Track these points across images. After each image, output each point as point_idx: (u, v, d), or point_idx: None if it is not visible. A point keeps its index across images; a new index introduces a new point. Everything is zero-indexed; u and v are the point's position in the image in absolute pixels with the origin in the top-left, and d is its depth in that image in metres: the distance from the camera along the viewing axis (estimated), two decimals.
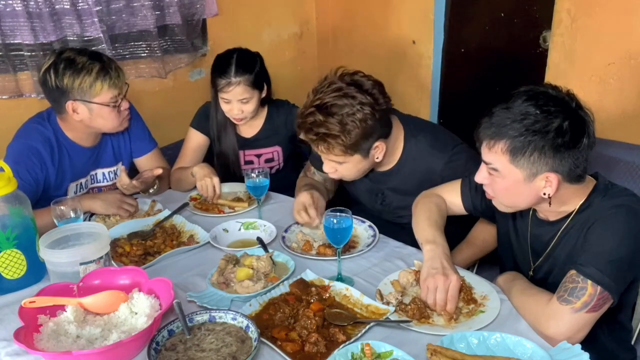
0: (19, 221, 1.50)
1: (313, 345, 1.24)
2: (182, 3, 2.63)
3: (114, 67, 1.89)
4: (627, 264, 1.28)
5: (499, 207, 1.45)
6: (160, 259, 1.66)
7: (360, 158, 1.71)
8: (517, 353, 1.21)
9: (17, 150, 1.88)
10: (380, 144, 1.71)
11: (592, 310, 1.25)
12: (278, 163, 2.36)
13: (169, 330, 1.29)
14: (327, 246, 1.69)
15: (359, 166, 1.75)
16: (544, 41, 2.39)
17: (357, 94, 1.62)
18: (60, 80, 1.82)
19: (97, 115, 1.89)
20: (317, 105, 1.63)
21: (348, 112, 1.60)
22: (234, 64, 2.08)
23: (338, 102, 1.61)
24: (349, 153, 1.67)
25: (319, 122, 1.62)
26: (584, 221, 1.34)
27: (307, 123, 1.64)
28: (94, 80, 1.83)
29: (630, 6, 2.04)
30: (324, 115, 1.61)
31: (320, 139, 1.64)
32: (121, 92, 1.91)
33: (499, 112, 1.31)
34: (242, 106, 2.13)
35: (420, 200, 1.71)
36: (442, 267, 1.42)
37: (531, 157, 1.27)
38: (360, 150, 1.68)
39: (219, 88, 2.10)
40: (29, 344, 1.21)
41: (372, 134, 1.66)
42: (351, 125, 1.60)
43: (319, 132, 1.63)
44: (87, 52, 1.89)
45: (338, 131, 1.60)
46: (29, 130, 1.93)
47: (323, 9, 3.31)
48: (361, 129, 1.61)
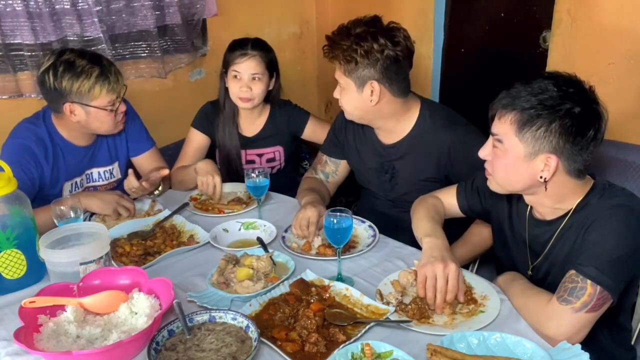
0: (19, 221, 1.50)
1: (313, 345, 1.24)
2: (182, 3, 2.63)
3: (114, 71, 1.89)
4: (626, 264, 1.28)
5: (492, 187, 1.45)
6: (160, 259, 1.66)
7: (354, 87, 1.76)
8: (517, 353, 1.21)
9: (11, 150, 1.88)
10: (377, 85, 1.75)
11: (592, 310, 1.25)
12: (279, 163, 2.36)
13: (169, 330, 1.29)
14: (327, 246, 1.69)
15: (354, 98, 1.79)
16: (544, 41, 2.39)
17: (382, 38, 1.72)
18: (59, 83, 1.82)
19: (94, 118, 1.89)
20: (347, 27, 1.78)
21: (363, 39, 1.72)
22: (252, 41, 2.17)
23: (362, 33, 1.74)
24: (346, 75, 1.76)
25: (343, 34, 1.76)
26: (582, 221, 1.34)
27: (334, 32, 1.79)
28: (93, 85, 1.83)
29: (630, 6, 2.04)
30: (346, 36, 1.75)
31: (330, 46, 1.77)
32: (119, 96, 1.91)
33: (518, 85, 1.33)
34: (252, 84, 2.14)
35: (417, 203, 1.72)
36: (441, 255, 1.42)
37: (537, 132, 1.27)
38: (354, 77, 1.75)
39: (233, 60, 2.14)
40: (29, 344, 1.21)
41: (370, 67, 1.72)
42: (357, 50, 1.71)
43: (334, 40, 1.77)
44: (87, 55, 1.88)
45: (346, 47, 1.72)
46: (21, 130, 1.93)
47: (323, 9, 3.30)
48: (361, 56, 1.70)
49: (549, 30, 2.33)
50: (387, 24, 1.79)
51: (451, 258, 1.42)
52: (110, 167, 2.12)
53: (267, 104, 2.31)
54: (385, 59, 1.72)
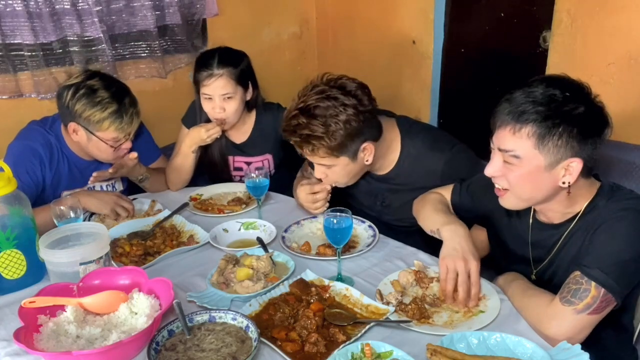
0: (18, 221, 1.50)
1: (313, 345, 1.24)
2: (182, 3, 2.63)
3: (131, 112, 1.87)
4: (632, 268, 1.27)
5: (509, 204, 1.39)
6: (160, 259, 1.66)
7: (347, 160, 1.70)
8: (517, 353, 1.21)
9: (17, 151, 1.89)
10: (369, 145, 1.70)
11: (595, 312, 1.24)
12: (269, 170, 2.30)
13: (169, 330, 1.29)
14: (327, 246, 1.69)
15: (348, 169, 1.73)
16: (544, 41, 2.39)
17: (340, 96, 1.62)
18: (74, 104, 1.82)
19: (94, 145, 1.90)
20: (300, 108, 1.64)
21: (331, 114, 1.61)
22: (217, 56, 2.05)
23: (321, 104, 1.62)
24: (335, 155, 1.67)
25: (302, 124, 1.62)
26: (590, 224, 1.33)
27: (291, 126, 1.65)
28: (104, 119, 1.83)
29: (630, 6, 2.04)
30: (307, 118, 1.62)
31: (304, 141, 1.64)
32: (127, 136, 1.91)
33: (519, 97, 1.28)
34: (224, 104, 2.06)
35: (420, 201, 1.71)
36: (462, 249, 1.42)
37: (559, 141, 1.24)
38: (346, 152, 1.67)
39: (201, 82, 2.04)
40: (29, 344, 1.21)
41: (357, 135, 1.65)
42: (334, 127, 1.61)
43: (302, 134, 1.63)
44: (114, 88, 1.87)
45: (322, 132, 1.61)
46: (31, 131, 1.93)
47: (323, 9, 3.31)
48: (345, 130, 1.61)
49: (549, 30, 2.33)
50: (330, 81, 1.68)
51: (472, 252, 1.42)
52: (112, 181, 2.13)
53: (251, 112, 2.24)
54: (364, 118, 1.64)
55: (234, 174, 2.29)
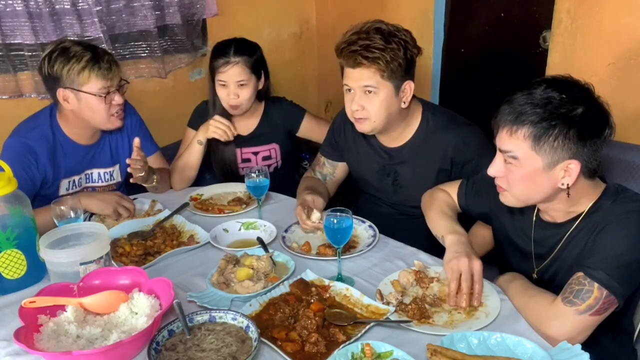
0: (19, 221, 1.50)
1: (313, 345, 1.24)
2: (182, 3, 2.63)
3: (107, 59, 1.88)
4: (635, 270, 1.27)
5: (508, 202, 1.40)
6: (160, 259, 1.66)
7: (392, 90, 1.70)
8: (517, 353, 1.21)
9: (13, 148, 1.88)
10: (410, 84, 1.73)
11: (596, 313, 1.24)
12: (276, 161, 2.35)
13: (169, 330, 1.29)
14: (327, 246, 1.69)
15: (387, 103, 1.71)
16: (544, 41, 2.39)
17: (399, 34, 1.68)
18: (52, 67, 1.84)
19: (85, 105, 1.88)
20: (360, 28, 1.67)
21: (392, 33, 1.66)
22: (234, 45, 2.13)
23: (382, 26, 1.67)
24: (385, 76, 1.67)
25: (363, 37, 1.64)
26: (594, 224, 1.33)
27: (351, 39, 1.67)
28: (82, 68, 1.84)
29: (630, 6, 2.04)
30: (367, 33, 1.65)
31: (362, 51, 1.64)
32: (112, 85, 1.90)
33: (519, 98, 1.29)
34: (239, 90, 2.13)
35: (428, 198, 1.72)
36: (465, 251, 1.43)
37: (555, 143, 1.25)
38: (394, 79, 1.68)
39: (217, 69, 2.11)
40: (29, 344, 1.21)
41: (408, 67, 1.69)
42: (395, 45, 1.64)
43: (363, 44, 1.64)
44: (85, 44, 1.90)
45: (382, 45, 1.63)
46: (26, 128, 1.93)
47: (323, 9, 3.31)
48: (403, 52, 1.65)
49: (549, 30, 2.33)
50: (382, 25, 1.72)
51: (475, 254, 1.44)
52: (110, 169, 2.12)
53: (261, 102, 2.31)
54: (411, 58, 1.70)
55: (242, 166, 2.30)
